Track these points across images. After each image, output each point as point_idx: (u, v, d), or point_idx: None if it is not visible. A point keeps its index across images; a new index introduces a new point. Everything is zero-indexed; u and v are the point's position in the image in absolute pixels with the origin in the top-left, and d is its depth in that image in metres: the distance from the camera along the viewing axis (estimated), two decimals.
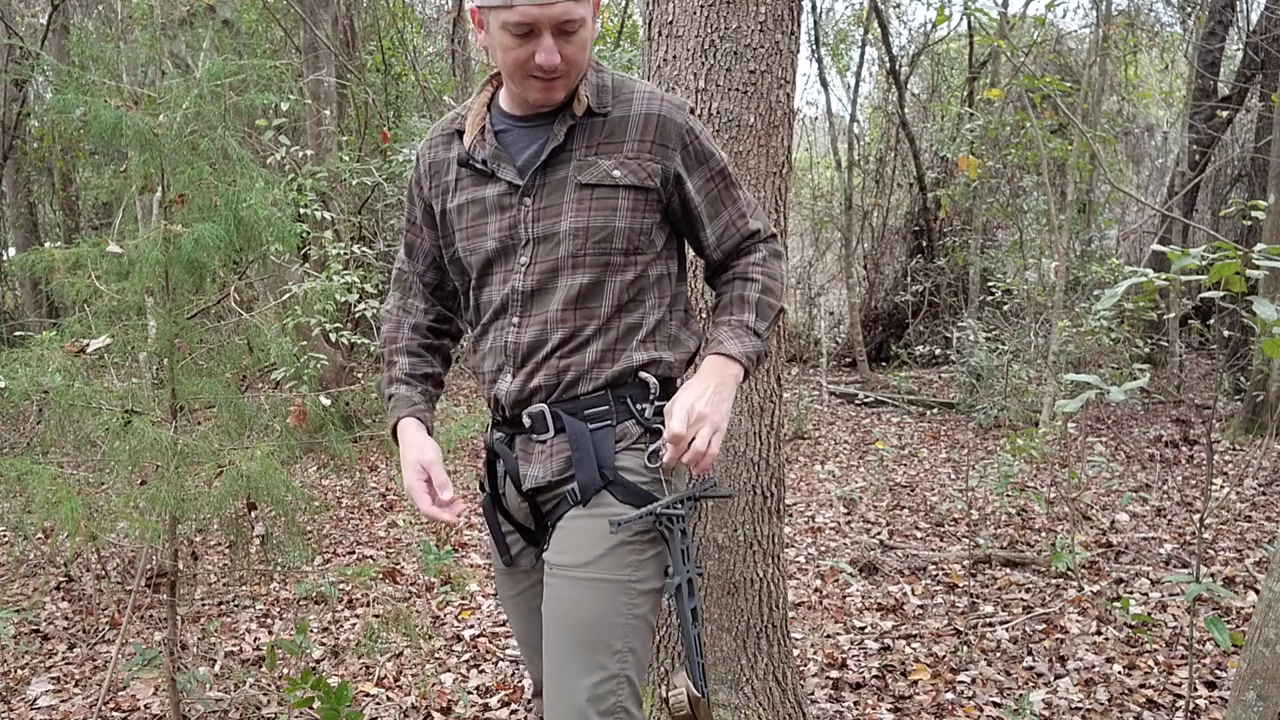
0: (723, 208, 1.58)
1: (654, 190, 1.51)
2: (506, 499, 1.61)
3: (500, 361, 1.55)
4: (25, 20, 9.33)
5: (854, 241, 11.87)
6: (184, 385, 2.50)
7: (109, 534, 3.62)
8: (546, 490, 1.55)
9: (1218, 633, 2.30)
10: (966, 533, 4.73)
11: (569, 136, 1.50)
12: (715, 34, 2.25)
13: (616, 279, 1.51)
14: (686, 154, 1.53)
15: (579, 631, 1.45)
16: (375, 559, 4.56)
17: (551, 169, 1.50)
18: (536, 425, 1.53)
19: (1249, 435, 6.68)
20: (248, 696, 3.01)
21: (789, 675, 2.48)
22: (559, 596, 1.47)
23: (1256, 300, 1.81)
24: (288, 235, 2.56)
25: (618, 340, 1.52)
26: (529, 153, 1.52)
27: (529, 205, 1.50)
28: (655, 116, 1.51)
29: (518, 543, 1.64)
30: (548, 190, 1.50)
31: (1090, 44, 8.61)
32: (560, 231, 1.49)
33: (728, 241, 1.60)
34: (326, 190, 6.95)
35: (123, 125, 2.35)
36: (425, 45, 11.76)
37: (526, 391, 1.52)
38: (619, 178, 1.49)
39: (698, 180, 1.55)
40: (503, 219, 1.52)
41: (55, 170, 10.84)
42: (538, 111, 1.52)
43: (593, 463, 1.49)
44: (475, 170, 1.55)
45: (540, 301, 1.51)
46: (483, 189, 1.54)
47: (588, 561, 1.46)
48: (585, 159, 1.49)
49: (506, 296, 1.52)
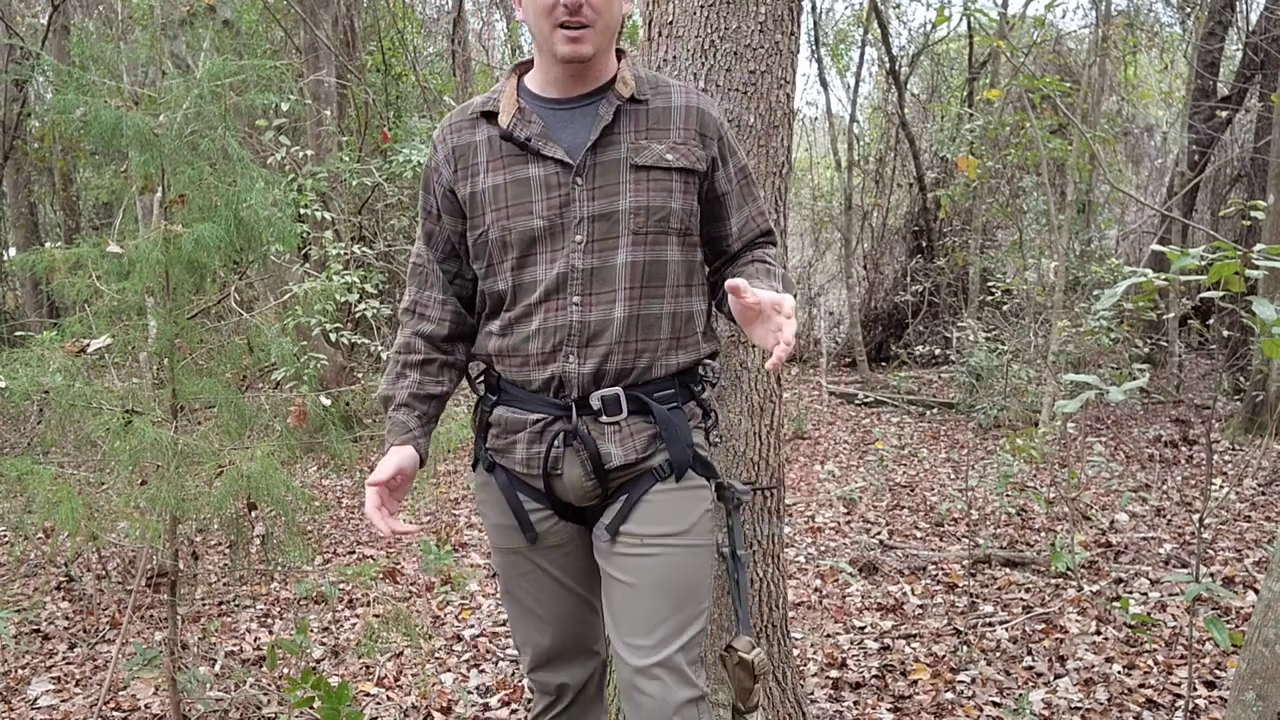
0: (745, 202, 1.67)
1: (701, 174, 1.60)
2: (565, 477, 1.61)
3: (557, 341, 1.55)
4: (25, 20, 9.34)
5: (854, 241, 11.86)
6: (184, 385, 2.51)
7: (109, 534, 3.62)
8: (625, 468, 1.59)
9: (1217, 632, 2.30)
10: (966, 533, 4.73)
11: (615, 119, 1.55)
12: (715, 34, 2.26)
13: (673, 260, 1.57)
14: (721, 145, 1.62)
15: (679, 593, 1.58)
16: (375, 559, 4.56)
17: (601, 149, 1.54)
18: (609, 408, 1.56)
19: (1249, 435, 6.68)
20: (248, 696, 3.01)
21: (789, 675, 2.48)
22: (656, 563, 1.58)
23: (1256, 300, 1.82)
24: (288, 235, 2.56)
25: (683, 326, 1.60)
26: (575, 134, 1.55)
27: (581, 184, 1.53)
28: (695, 109, 1.60)
29: (547, 519, 1.65)
30: (600, 170, 1.53)
31: (1090, 44, 8.61)
32: (619, 210, 1.53)
33: (747, 234, 1.68)
34: (326, 190, 6.95)
35: (123, 125, 2.36)
36: (425, 45, 11.75)
37: (599, 374, 1.55)
38: (672, 160, 1.55)
39: (729, 170, 1.64)
40: (551, 197, 1.53)
41: (56, 170, 10.84)
42: (574, 94, 1.56)
43: (680, 442, 1.60)
44: (517, 148, 1.55)
45: (602, 280, 1.53)
46: (524, 168, 1.55)
47: (685, 529, 1.60)
48: (637, 142, 1.55)
49: (562, 275, 1.53)
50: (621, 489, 1.61)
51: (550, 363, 1.56)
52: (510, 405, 1.63)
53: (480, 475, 1.71)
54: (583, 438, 1.58)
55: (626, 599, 1.59)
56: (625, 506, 1.60)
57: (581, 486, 1.62)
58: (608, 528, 1.61)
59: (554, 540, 1.67)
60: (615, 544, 1.60)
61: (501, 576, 1.73)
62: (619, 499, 1.61)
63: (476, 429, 1.70)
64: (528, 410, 1.61)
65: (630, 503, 1.60)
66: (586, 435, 1.58)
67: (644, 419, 1.59)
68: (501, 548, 1.70)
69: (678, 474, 1.60)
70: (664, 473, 1.60)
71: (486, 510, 1.71)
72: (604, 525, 1.62)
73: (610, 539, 1.61)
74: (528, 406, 1.61)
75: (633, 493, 1.60)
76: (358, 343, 6.70)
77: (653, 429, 1.60)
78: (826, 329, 12.45)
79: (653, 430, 1.60)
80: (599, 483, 1.61)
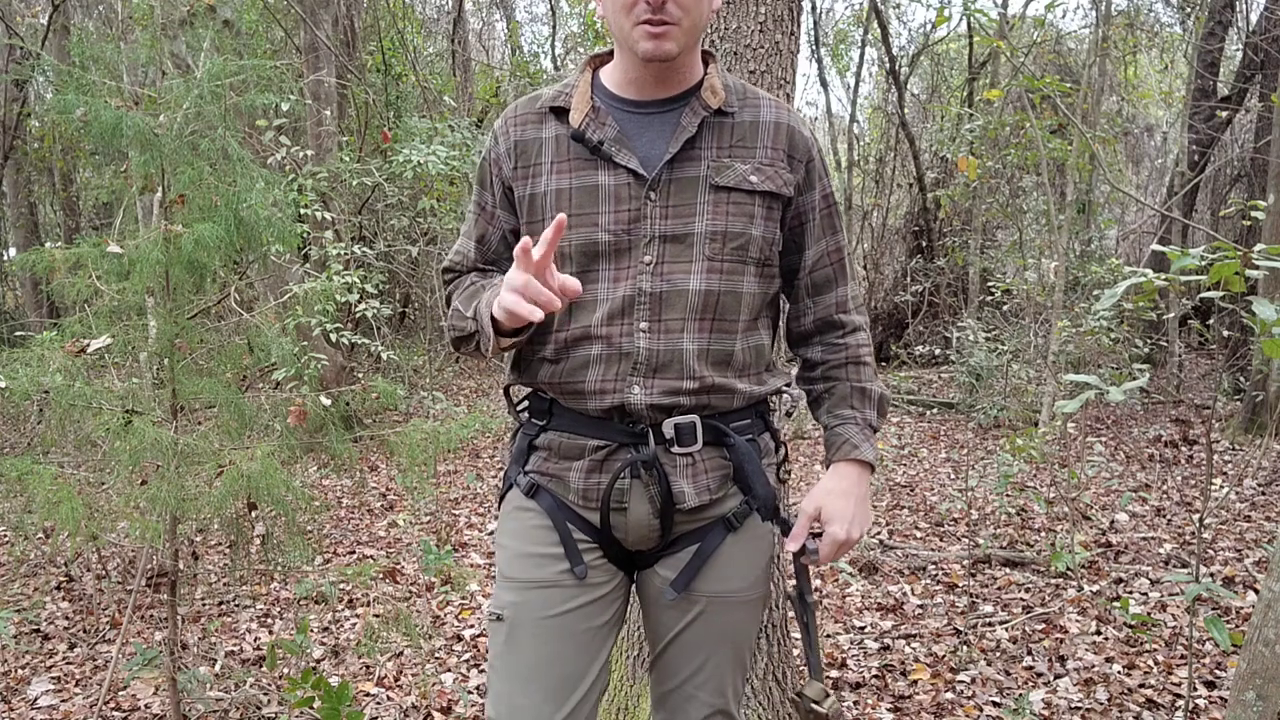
0: (824, 234, 1.51)
1: (787, 200, 1.45)
2: (629, 513, 1.43)
3: (621, 371, 1.40)
4: (25, 20, 9.33)
5: (854, 241, 11.87)
6: (184, 385, 2.50)
7: (109, 534, 3.62)
8: (696, 512, 1.45)
9: (1217, 633, 2.30)
10: (966, 533, 4.73)
11: (698, 131, 1.41)
12: (715, 34, 2.26)
13: (748, 291, 1.43)
14: (810, 169, 1.48)
15: (740, 645, 1.51)
16: (375, 559, 4.56)
17: (680, 164, 1.40)
18: (683, 437, 1.41)
19: (1249, 435, 6.68)
20: (248, 696, 3.01)
21: (789, 675, 2.48)
22: (724, 621, 1.49)
23: (1256, 300, 1.81)
24: (288, 235, 2.56)
25: (754, 361, 1.47)
26: (651, 142, 1.41)
27: (654, 200, 1.39)
28: (786, 126, 1.45)
29: (596, 557, 1.46)
30: (677, 187, 1.39)
31: (1090, 44, 8.61)
32: (694, 233, 1.39)
33: (820, 270, 1.52)
34: (326, 190, 6.95)
35: (123, 125, 2.35)
36: (425, 45, 11.75)
37: (669, 402, 1.40)
38: (756, 183, 1.41)
39: (814, 197, 1.49)
40: (620, 210, 1.39)
41: (55, 170, 10.85)
42: (656, 97, 1.42)
43: (762, 481, 1.47)
44: (588, 152, 1.40)
45: (671, 306, 1.39)
46: (594, 174, 1.40)
47: (752, 583, 1.50)
48: (719, 160, 1.40)
49: (629, 298, 1.39)
50: (686, 536, 1.46)
51: (612, 392, 1.40)
52: (564, 430, 1.46)
53: (515, 499, 1.50)
54: (656, 470, 1.41)
55: (685, 655, 1.49)
56: (696, 561, 1.45)
57: (645, 526, 1.44)
58: (673, 584, 1.45)
59: (597, 580, 1.46)
60: (680, 600, 1.46)
61: (513, 620, 1.44)
62: (682, 548, 1.46)
63: (514, 454, 1.52)
64: (586, 435, 1.44)
65: (702, 557, 1.45)
66: (659, 468, 1.41)
67: (719, 452, 1.45)
68: (529, 581, 1.44)
69: (768, 516, 1.48)
70: (736, 522, 1.46)
71: (517, 539, 1.48)
72: (669, 581, 1.46)
73: (676, 595, 1.46)
74: (587, 431, 1.44)
75: (704, 545, 1.45)
76: (358, 343, 6.70)
77: (726, 467, 1.45)
78: None
79: (726, 469, 1.45)
80: (662, 525, 1.44)
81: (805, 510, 1.47)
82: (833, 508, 1.45)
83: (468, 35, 12.27)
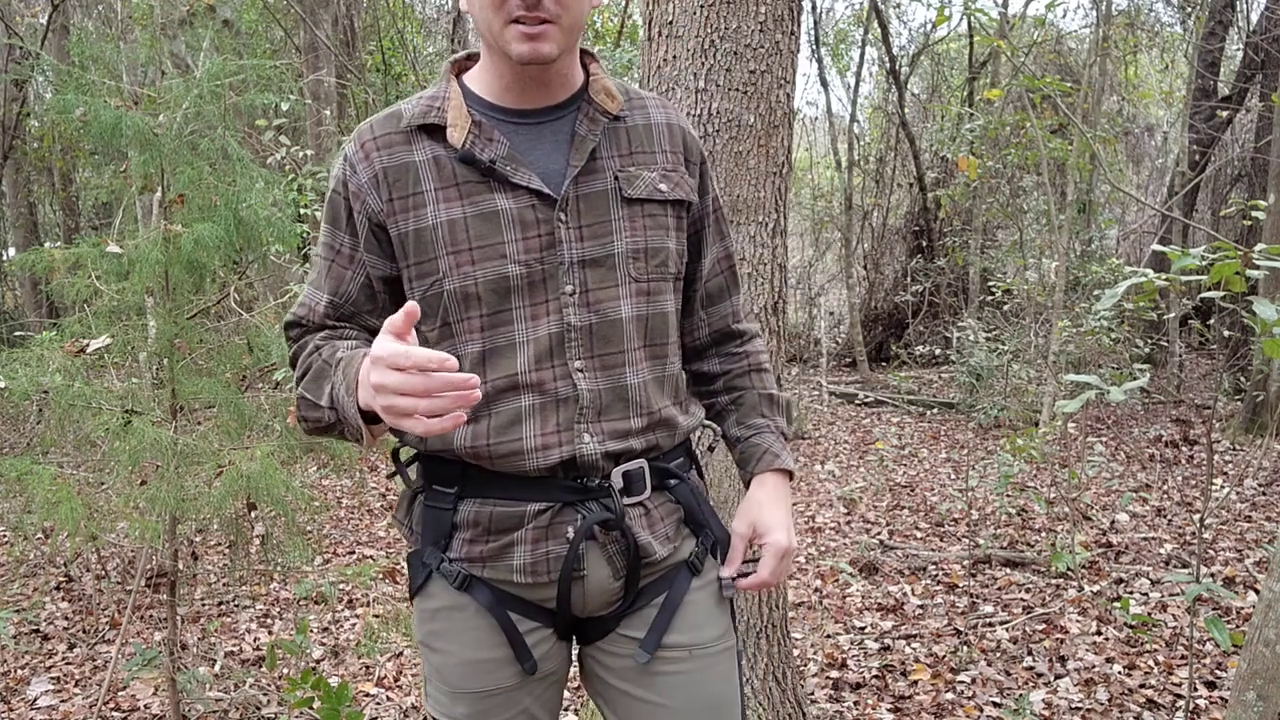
0: (717, 240, 1.40)
1: (693, 205, 1.33)
2: (587, 580, 1.27)
3: (565, 418, 1.22)
4: (25, 20, 9.33)
5: (854, 241, 11.87)
6: (184, 385, 2.50)
7: (109, 534, 3.62)
8: (658, 564, 1.30)
9: (1218, 633, 2.30)
10: (966, 533, 4.73)
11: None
12: (715, 34, 2.26)
13: (672, 311, 1.31)
14: (704, 171, 1.36)
15: (724, 708, 1.33)
16: (375, 559, 4.56)
17: (584, 179, 1.24)
18: (634, 485, 1.27)
19: (1249, 435, 6.68)
20: (248, 696, 3.01)
21: (789, 675, 2.48)
22: (703, 678, 1.31)
23: (1256, 300, 1.81)
24: (288, 235, 2.56)
25: (679, 387, 1.36)
26: (547, 156, 1.24)
27: (565, 221, 1.22)
28: (678, 127, 1.33)
29: (543, 641, 1.29)
30: (586, 205, 1.23)
31: (1090, 44, 8.61)
32: (615, 253, 1.24)
33: (714, 279, 1.40)
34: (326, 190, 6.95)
35: (123, 125, 2.35)
36: (425, 45, 11.76)
37: (621, 447, 1.25)
38: (666, 192, 1.28)
39: (708, 201, 1.37)
40: (529, 238, 1.21)
41: (55, 170, 10.84)
42: (539, 105, 1.25)
43: (716, 520, 1.36)
44: (478, 174, 1.21)
45: (605, 339, 1.24)
46: (490, 199, 1.21)
47: (721, 633, 1.34)
48: (624, 169, 1.26)
49: (557, 335, 1.22)
50: (646, 591, 1.30)
51: (556, 446, 1.22)
52: (490, 498, 1.25)
53: (443, 596, 1.28)
54: (621, 527, 1.25)
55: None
56: (665, 614, 1.29)
57: (605, 591, 1.28)
58: (643, 645, 1.28)
59: (548, 668, 1.31)
60: (653, 664, 1.29)
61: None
62: (646, 603, 1.30)
63: (424, 534, 1.29)
64: (521, 500, 1.24)
65: (671, 608, 1.30)
66: (619, 523, 1.25)
67: (665, 497, 1.31)
68: (479, 692, 1.27)
69: (721, 558, 1.35)
70: (698, 566, 1.33)
71: (456, 644, 1.28)
72: (637, 643, 1.29)
73: (649, 656, 1.29)
74: (521, 495, 1.24)
75: (672, 594, 1.30)
76: None
77: (676, 510, 1.33)
78: (827, 329, 12.44)
79: (677, 512, 1.33)
80: (625, 585, 1.28)
81: (738, 530, 1.35)
82: (768, 518, 1.34)
83: (468, 35, 12.27)
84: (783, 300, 2.42)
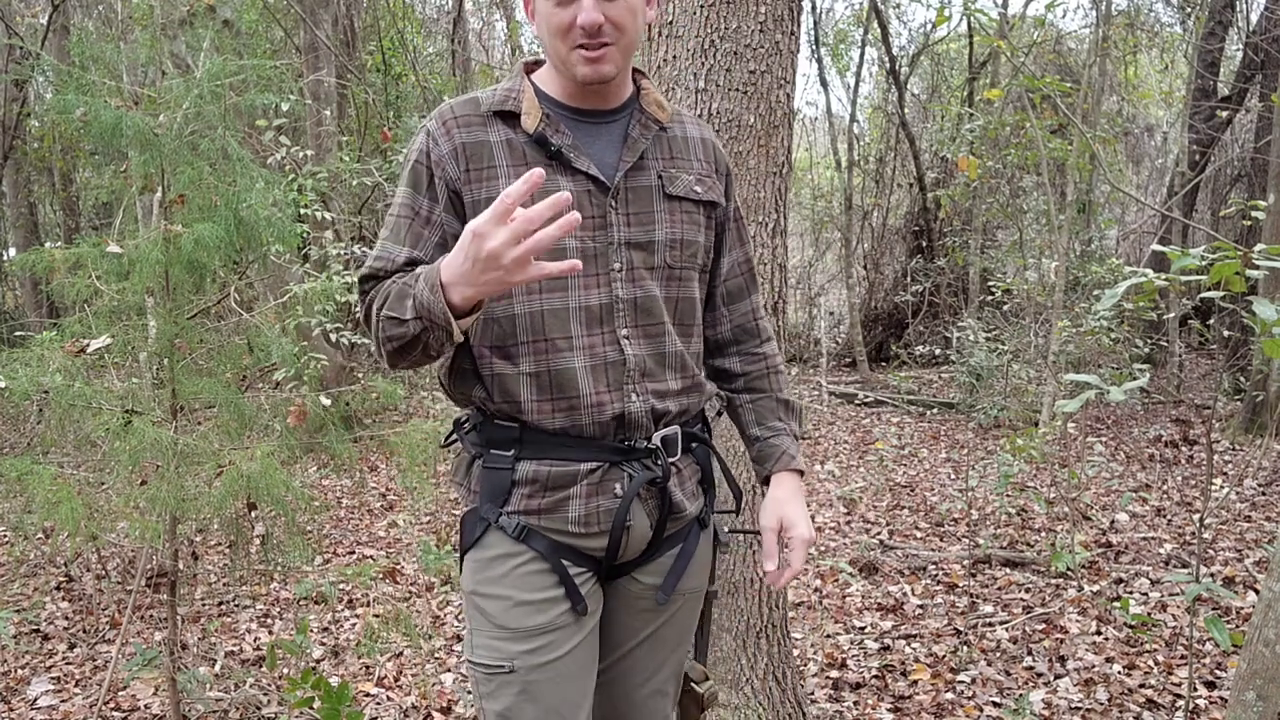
0: (737, 244, 1.60)
1: (721, 208, 1.54)
2: (633, 532, 1.45)
3: (613, 379, 1.40)
4: (25, 20, 9.33)
5: (854, 241, 11.87)
6: (184, 385, 2.50)
7: (109, 534, 3.62)
8: (683, 516, 1.51)
9: (1218, 633, 2.30)
10: (966, 533, 4.73)
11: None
12: (715, 34, 2.26)
13: (697, 297, 1.52)
14: (729, 182, 1.57)
15: (684, 642, 1.60)
16: (375, 559, 4.56)
17: (633, 174, 1.44)
18: (670, 449, 1.47)
19: (1249, 435, 6.68)
20: (248, 696, 3.01)
21: (789, 675, 2.48)
22: (688, 615, 1.58)
23: (1256, 300, 1.81)
24: (288, 235, 2.56)
25: (698, 365, 1.55)
26: (602, 151, 1.43)
27: (615, 207, 1.41)
28: (710, 142, 1.55)
29: (590, 584, 1.46)
30: (634, 196, 1.43)
31: (1090, 44, 8.61)
32: (656, 240, 1.43)
33: (734, 279, 1.60)
34: (326, 190, 6.95)
35: (123, 125, 2.35)
36: (425, 45, 11.75)
37: (658, 413, 1.44)
38: (700, 193, 1.49)
39: (732, 209, 1.58)
40: (585, 217, 1.38)
41: (55, 170, 10.84)
42: (600, 109, 1.44)
43: (730, 480, 1.61)
44: (545, 157, 1.39)
45: (648, 312, 1.43)
46: (554, 180, 1.38)
47: (708, 576, 1.61)
48: (667, 170, 1.46)
49: (606, 305, 1.40)
50: (666, 541, 1.50)
51: (610, 403, 1.40)
52: (544, 458, 1.41)
53: (500, 544, 1.42)
54: (664, 485, 1.44)
55: (653, 653, 1.56)
56: (680, 562, 1.51)
57: (642, 540, 1.47)
58: (662, 588, 1.50)
59: (593, 607, 1.46)
60: (657, 599, 1.51)
61: (526, 670, 1.39)
62: (663, 552, 1.50)
63: (485, 492, 1.43)
64: (575, 460, 1.40)
65: (686, 558, 1.51)
66: (667, 483, 1.45)
67: (690, 458, 1.53)
68: (533, 629, 1.39)
69: (739, 509, 1.62)
70: (705, 521, 1.55)
71: (513, 587, 1.40)
72: (653, 587, 1.50)
73: (666, 598, 1.50)
74: (575, 455, 1.41)
75: (687, 546, 1.52)
76: (358, 343, 6.70)
77: (699, 471, 1.54)
78: (826, 329, 12.45)
79: (699, 473, 1.54)
80: (654, 535, 1.48)
81: (768, 526, 1.53)
82: (791, 513, 1.53)
83: (468, 35, 12.27)
84: (783, 300, 2.42)
